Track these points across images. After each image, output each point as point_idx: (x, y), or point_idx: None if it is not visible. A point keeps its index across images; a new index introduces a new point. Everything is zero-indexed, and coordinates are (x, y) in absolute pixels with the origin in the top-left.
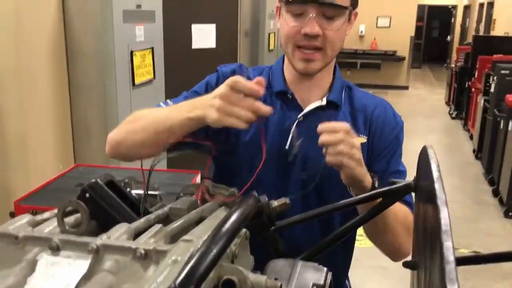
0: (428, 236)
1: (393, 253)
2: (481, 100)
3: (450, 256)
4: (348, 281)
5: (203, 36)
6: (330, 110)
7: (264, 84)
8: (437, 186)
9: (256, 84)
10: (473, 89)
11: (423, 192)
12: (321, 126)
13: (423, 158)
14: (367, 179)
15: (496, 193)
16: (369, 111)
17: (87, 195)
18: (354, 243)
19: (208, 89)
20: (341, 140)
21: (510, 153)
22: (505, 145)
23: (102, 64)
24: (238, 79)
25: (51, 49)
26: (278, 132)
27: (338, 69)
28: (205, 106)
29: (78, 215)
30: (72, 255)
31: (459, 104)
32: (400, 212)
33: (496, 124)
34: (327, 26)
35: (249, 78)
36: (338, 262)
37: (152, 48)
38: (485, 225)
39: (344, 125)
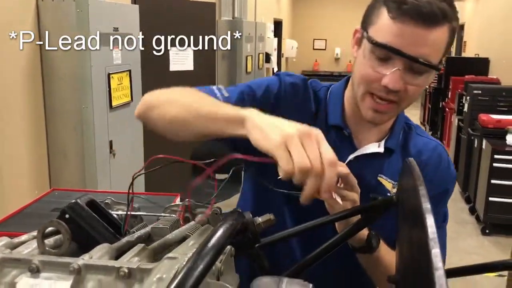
0: (414, 248)
1: None
2: (455, 120)
3: (438, 263)
4: None
5: (181, 59)
6: (383, 157)
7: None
8: (421, 196)
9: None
10: (447, 109)
11: (406, 205)
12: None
13: (405, 172)
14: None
15: (472, 211)
16: (423, 159)
17: (67, 216)
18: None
19: (266, 94)
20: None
21: (485, 171)
22: (480, 163)
23: (79, 88)
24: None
25: (26, 74)
26: None
27: None
28: (276, 145)
29: (57, 236)
30: (53, 277)
31: (434, 124)
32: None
33: (471, 143)
34: (411, 81)
35: (317, 96)
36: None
37: (130, 71)
38: (463, 243)
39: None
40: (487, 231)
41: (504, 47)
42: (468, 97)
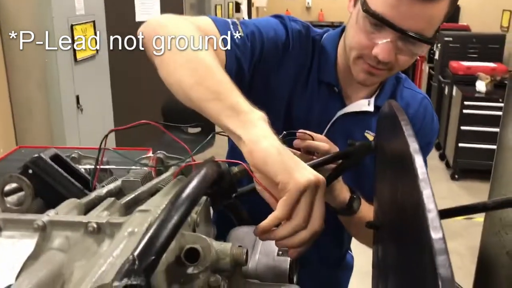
0: (398, 192)
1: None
2: (426, 68)
3: (430, 204)
4: (351, 251)
5: (147, 8)
6: (371, 113)
7: None
8: (407, 136)
9: None
10: (417, 57)
11: (389, 149)
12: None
13: (386, 114)
14: (342, 196)
15: (442, 157)
16: (411, 112)
17: (30, 171)
18: None
19: (274, 40)
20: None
21: (455, 118)
22: (450, 110)
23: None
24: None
25: None
26: (316, 123)
27: None
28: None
29: (21, 193)
30: (16, 235)
31: (405, 72)
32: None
33: (441, 90)
34: (403, 51)
35: (314, 47)
36: (344, 233)
37: (94, 22)
38: (433, 188)
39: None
40: (456, 176)
41: None
42: (439, 44)
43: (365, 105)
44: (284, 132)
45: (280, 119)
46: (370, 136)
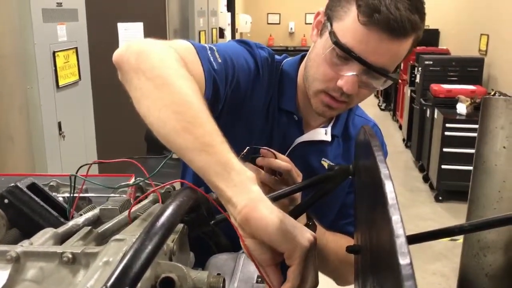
0: (372, 216)
1: (337, 281)
2: (407, 91)
3: (399, 230)
4: None
5: (130, 35)
6: (327, 143)
7: None
8: (379, 162)
9: None
10: (399, 81)
11: (364, 173)
12: None
13: (362, 140)
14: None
15: (426, 179)
16: None
17: (6, 201)
18: None
19: (245, 68)
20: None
21: (437, 140)
22: (432, 132)
23: (23, 66)
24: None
25: None
26: (275, 150)
27: None
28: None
29: None
30: None
31: (387, 96)
32: (340, 249)
33: (423, 113)
34: (366, 84)
35: (276, 74)
36: None
37: (76, 48)
38: (417, 210)
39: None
40: (440, 198)
41: (453, 18)
42: (419, 68)
43: (322, 134)
44: (248, 147)
45: (243, 147)
46: (326, 163)
